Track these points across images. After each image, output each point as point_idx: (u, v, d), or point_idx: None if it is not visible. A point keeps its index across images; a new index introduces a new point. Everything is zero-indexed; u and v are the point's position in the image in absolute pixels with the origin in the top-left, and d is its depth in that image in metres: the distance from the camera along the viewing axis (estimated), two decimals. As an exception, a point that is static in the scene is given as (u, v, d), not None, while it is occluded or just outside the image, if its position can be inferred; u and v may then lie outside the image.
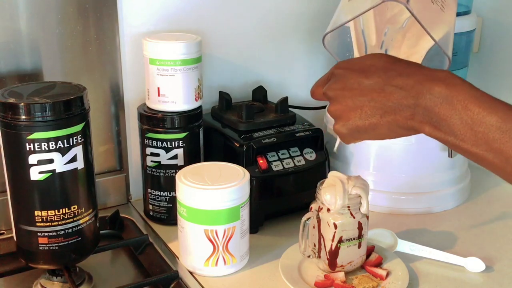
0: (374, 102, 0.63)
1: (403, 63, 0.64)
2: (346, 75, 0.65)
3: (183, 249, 0.86)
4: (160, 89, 0.94)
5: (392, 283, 0.82)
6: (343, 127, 0.66)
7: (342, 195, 0.79)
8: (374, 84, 0.63)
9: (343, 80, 0.66)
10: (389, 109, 0.62)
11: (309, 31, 1.18)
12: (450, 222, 1.02)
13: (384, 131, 0.64)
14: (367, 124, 0.64)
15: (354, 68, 0.65)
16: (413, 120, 0.61)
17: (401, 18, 0.82)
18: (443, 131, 0.59)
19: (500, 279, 0.86)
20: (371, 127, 0.64)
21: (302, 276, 0.84)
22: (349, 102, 0.64)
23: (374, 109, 0.63)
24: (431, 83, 0.60)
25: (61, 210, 0.77)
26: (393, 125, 0.63)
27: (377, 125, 0.63)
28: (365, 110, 0.63)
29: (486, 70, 1.21)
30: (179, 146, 0.95)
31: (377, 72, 0.63)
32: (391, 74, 0.62)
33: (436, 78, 0.60)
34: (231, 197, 0.82)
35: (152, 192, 0.98)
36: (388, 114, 0.62)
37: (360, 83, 0.64)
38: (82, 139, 0.77)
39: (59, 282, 0.83)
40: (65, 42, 0.95)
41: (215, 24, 1.07)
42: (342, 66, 0.67)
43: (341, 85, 0.66)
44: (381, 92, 0.62)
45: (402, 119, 0.62)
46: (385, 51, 0.83)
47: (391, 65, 0.64)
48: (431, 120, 0.60)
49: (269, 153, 0.96)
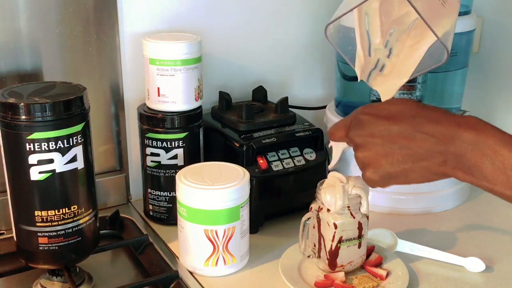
0: (405, 149, 0.63)
1: (430, 109, 0.65)
2: (374, 121, 0.66)
3: (183, 249, 0.86)
4: (160, 89, 0.94)
5: (392, 283, 0.82)
6: (374, 174, 0.66)
7: (342, 196, 0.79)
8: (404, 131, 0.64)
9: (371, 126, 0.66)
10: (420, 156, 0.63)
11: (309, 31, 1.18)
12: (450, 222, 1.02)
13: (416, 177, 0.65)
14: (399, 171, 0.64)
15: (381, 114, 0.66)
16: (445, 166, 0.62)
17: (407, 20, 0.82)
18: (476, 176, 0.60)
19: (500, 279, 0.86)
20: (403, 173, 0.64)
21: (302, 276, 0.84)
22: (379, 149, 0.65)
23: (405, 156, 0.64)
24: (460, 130, 0.61)
25: (61, 210, 0.77)
26: (425, 171, 0.63)
27: (409, 172, 0.64)
28: (396, 157, 0.64)
29: (486, 70, 1.21)
30: (179, 146, 0.95)
31: (406, 118, 0.64)
32: (420, 121, 0.63)
33: (465, 125, 0.61)
34: (231, 197, 0.82)
35: (152, 192, 0.98)
36: (420, 161, 0.63)
37: (390, 130, 0.64)
38: (82, 139, 0.77)
39: (59, 282, 0.83)
40: (65, 42, 0.95)
41: (215, 24, 1.07)
42: (368, 111, 0.68)
43: (369, 131, 0.66)
44: (412, 139, 0.63)
45: (434, 166, 0.63)
46: (389, 50, 0.83)
47: (419, 112, 0.65)
48: (463, 166, 0.61)
49: (269, 153, 0.96)
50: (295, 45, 1.18)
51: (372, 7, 0.81)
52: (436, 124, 0.62)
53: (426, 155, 0.62)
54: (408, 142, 0.63)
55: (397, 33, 0.83)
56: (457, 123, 0.62)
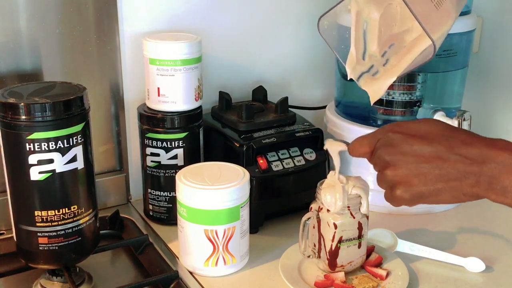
0: (439, 170, 0.64)
1: (459, 131, 0.67)
2: (405, 140, 0.66)
3: (183, 249, 0.86)
4: (160, 89, 0.94)
5: (392, 283, 0.82)
6: (406, 193, 0.66)
7: (342, 197, 0.79)
8: (437, 151, 0.64)
9: (402, 145, 0.66)
10: (453, 177, 0.64)
11: (310, 31, 1.18)
12: (450, 222, 1.02)
13: (447, 197, 0.65)
14: (431, 190, 0.65)
15: (411, 134, 0.67)
16: (478, 188, 0.63)
17: (408, 37, 0.82)
18: (508, 197, 0.62)
19: (500, 279, 0.86)
20: (434, 193, 0.65)
21: (302, 276, 0.84)
22: (412, 167, 0.65)
23: (438, 176, 0.64)
24: (494, 152, 0.62)
25: (61, 210, 0.77)
26: (457, 192, 0.64)
27: (441, 192, 0.65)
28: (429, 176, 0.65)
29: (486, 70, 1.21)
30: (179, 146, 0.95)
31: (438, 139, 0.65)
32: (453, 142, 0.64)
33: (499, 147, 0.62)
34: (231, 197, 0.82)
35: (152, 192, 0.98)
36: (453, 181, 0.64)
37: (423, 150, 0.65)
38: (82, 139, 0.77)
39: (59, 282, 0.83)
40: (65, 42, 0.95)
41: (215, 24, 1.07)
42: (397, 130, 0.68)
43: (400, 150, 0.66)
44: (446, 159, 0.64)
45: (467, 187, 0.63)
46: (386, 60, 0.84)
47: (450, 133, 0.66)
48: (495, 187, 0.62)
49: (269, 153, 0.96)
50: (295, 45, 1.18)
51: (372, 18, 0.82)
52: (469, 145, 0.64)
53: (459, 175, 0.63)
54: (443, 163, 0.64)
55: (397, 48, 0.83)
56: (489, 144, 0.63)
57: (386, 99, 1.04)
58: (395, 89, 1.03)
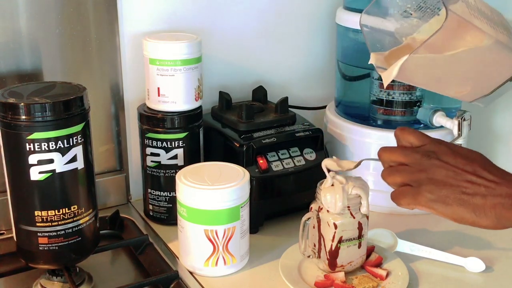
0: (476, 186, 0.67)
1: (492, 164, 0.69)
2: (450, 154, 0.69)
3: (183, 249, 0.86)
4: (160, 89, 0.94)
5: (392, 283, 0.82)
6: (433, 194, 0.68)
7: (342, 197, 0.79)
8: (476, 171, 0.67)
9: (447, 157, 0.68)
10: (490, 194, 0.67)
11: (310, 31, 1.18)
12: (450, 222, 1.01)
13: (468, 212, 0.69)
14: (457, 199, 0.67)
15: (456, 152, 0.69)
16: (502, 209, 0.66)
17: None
18: None
19: (500, 279, 0.86)
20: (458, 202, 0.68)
21: (302, 276, 0.84)
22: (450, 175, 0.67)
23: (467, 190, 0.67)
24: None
25: (61, 210, 0.77)
26: (479, 210, 0.68)
27: (464, 202, 0.68)
28: (461, 189, 0.67)
29: (486, 70, 1.21)
30: (179, 146, 0.95)
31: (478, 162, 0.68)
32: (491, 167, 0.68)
33: None
34: (231, 197, 0.82)
35: (152, 192, 0.98)
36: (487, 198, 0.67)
37: (465, 166, 0.68)
38: (82, 139, 0.77)
39: (59, 282, 0.83)
40: (65, 42, 0.95)
41: (215, 24, 1.07)
42: (444, 143, 0.71)
43: (444, 159, 0.68)
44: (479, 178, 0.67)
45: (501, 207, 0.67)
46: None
47: (488, 160, 0.69)
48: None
49: (269, 153, 0.96)
50: (295, 45, 1.18)
51: None
52: (507, 173, 0.67)
53: (487, 194, 0.66)
54: (476, 179, 0.67)
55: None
56: None
57: (386, 99, 1.04)
58: (395, 89, 1.03)
